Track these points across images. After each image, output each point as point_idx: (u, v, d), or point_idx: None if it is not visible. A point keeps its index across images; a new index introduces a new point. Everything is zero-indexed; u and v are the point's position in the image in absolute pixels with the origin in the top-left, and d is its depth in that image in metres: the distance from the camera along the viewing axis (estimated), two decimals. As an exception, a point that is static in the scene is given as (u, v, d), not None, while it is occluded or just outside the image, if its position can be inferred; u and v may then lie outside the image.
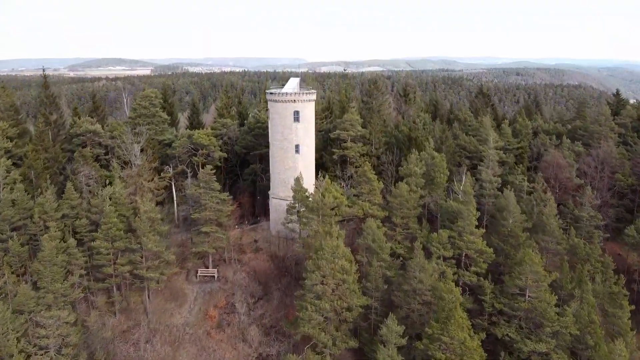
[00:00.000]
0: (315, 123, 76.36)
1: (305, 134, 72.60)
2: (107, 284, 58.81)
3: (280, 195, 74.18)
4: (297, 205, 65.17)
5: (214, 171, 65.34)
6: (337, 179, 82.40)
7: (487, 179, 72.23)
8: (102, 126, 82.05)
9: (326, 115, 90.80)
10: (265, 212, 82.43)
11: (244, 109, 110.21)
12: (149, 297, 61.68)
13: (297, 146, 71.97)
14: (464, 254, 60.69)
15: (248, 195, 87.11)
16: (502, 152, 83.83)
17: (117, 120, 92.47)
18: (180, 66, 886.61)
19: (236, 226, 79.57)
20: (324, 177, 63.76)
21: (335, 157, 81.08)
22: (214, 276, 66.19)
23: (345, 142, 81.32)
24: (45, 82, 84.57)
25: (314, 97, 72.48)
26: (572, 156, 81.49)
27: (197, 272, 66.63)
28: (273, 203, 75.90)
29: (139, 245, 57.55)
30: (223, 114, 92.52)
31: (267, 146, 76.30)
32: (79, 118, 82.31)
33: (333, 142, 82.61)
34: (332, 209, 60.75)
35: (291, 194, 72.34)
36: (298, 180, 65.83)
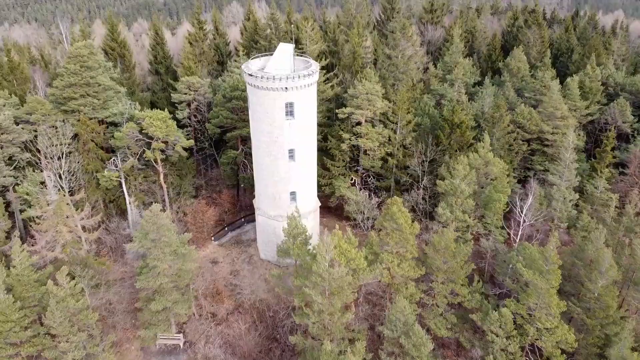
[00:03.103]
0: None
1: (303, 134, 49.85)
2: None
3: (269, 214, 53.47)
4: (290, 250, 44.97)
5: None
6: (348, 171, 60.94)
7: (560, 198, 51.11)
8: (21, 102, 58.58)
9: (333, 74, 65.91)
10: (250, 208, 62.22)
11: (222, 43, 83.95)
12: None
13: (290, 151, 49.67)
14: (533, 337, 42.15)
15: (228, 187, 66.11)
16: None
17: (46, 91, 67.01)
18: None
19: (212, 238, 59.80)
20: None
21: (345, 146, 58.64)
22: (178, 344, 48.06)
23: (359, 124, 58.41)
24: None
25: (315, 77, 48.43)
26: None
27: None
28: (260, 221, 55.37)
29: (57, 351, 38.49)
30: (190, 66, 67.47)
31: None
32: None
33: (342, 121, 59.61)
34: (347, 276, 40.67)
35: (283, 212, 52.14)
36: (293, 220, 44.80)
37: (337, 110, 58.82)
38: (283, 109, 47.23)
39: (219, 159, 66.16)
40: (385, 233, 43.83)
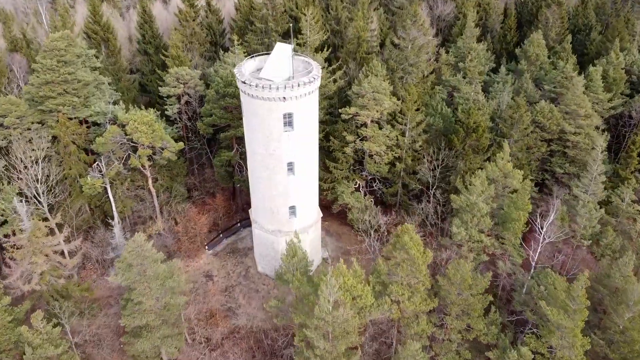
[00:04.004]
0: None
1: (304, 145, 45.04)
2: None
3: (266, 228, 49.32)
4: (290, 282, 41.06)
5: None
6: (352, 173, 56.47)
7: (585, 214, 46.80)
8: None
9: (337, 66, 59.92)
10: (247, 209, 57.90)
11: (215, 21, 77.51)
12: None
13: (289, 164, 44.98)
14: (554, 375, 38.82)
15: (222, 189, 61.69)
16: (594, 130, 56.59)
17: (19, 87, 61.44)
18: None
19: (206, 246, 55.87)
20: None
21: (348, 150, 53.91)
22: (171, 373, 44.90)
23: (364, 125, 53.48)
24: None
25: (317, 83, 43.17)
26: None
27: (146, 365, 45.05)
28: (257, 234, 51.24)
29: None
30: (179, 55, 61.60)
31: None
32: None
33: (345, 121, 54.59)
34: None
35: (282, 227, 48.21)
36: (292, 247, 40.72)
37: (340, 110, 53.71)
38: (281, 119, 42.27)
39: (212, 158, 61.42)
40: (394, 263, 39.75)
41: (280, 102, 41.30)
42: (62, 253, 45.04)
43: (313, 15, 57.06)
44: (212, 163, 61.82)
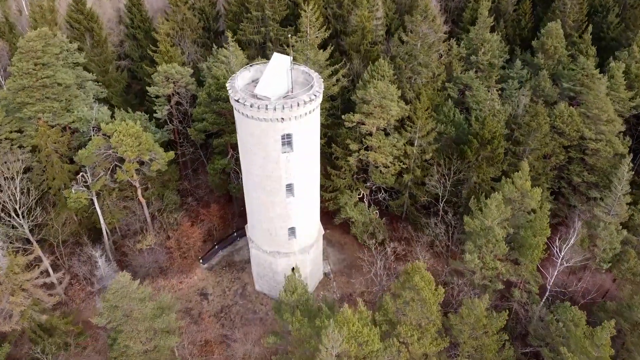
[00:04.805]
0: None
1: (304, 165, 41.15)
2: None
3: (264, 248, 46.00)
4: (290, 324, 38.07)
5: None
6: (356, 182, 52.88)
7: (607, 238, 43.35)
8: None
9: (341, 65, 55.06)
10: (243, 217, 54.53)
11: (208, 5, 71.98)
12: None
13: (289, 186, 41.28)
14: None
15: (217, 197, 58.08)
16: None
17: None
18: None
19: (200, 260, 52.73)
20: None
21: (352, 160, 50.05)
22: (164, 407, 42.41)
23: (370, 134, 49.46)
24: None
25: (318, 100, 38.95)
26: None
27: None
28: (254, 254, 47.94)
29: None
30: (167, 50, 56.73)
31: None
32: None
33: (350, 128, 50.51)
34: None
35: (281, 248, 45.17)
36: (292, 280, 37.56)
37: (343, 117, 49.63)
38: (279, 141, 38.32)
39: (206, 162, 57.55)
40: (403, 301, 36.67)
41: (278, 123, 37.28)
42: (45, 283, 41.87)
43: (314, 10, 52.04)
44: (205, 165, 58.05)
